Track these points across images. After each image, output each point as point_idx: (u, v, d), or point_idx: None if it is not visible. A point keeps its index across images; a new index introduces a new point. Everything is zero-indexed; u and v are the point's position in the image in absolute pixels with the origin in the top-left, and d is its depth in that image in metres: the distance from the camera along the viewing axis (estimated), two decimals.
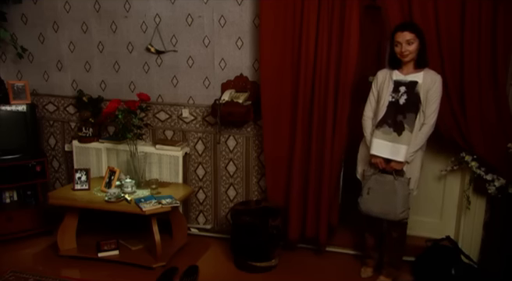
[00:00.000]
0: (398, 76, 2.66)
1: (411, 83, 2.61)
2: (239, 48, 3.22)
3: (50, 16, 3.56)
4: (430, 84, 2.59)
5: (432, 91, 2.58)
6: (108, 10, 3.41)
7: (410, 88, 2.61)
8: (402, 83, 2.64)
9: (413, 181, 2.70)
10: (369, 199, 2.72)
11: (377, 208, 2.70)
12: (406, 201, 2.66)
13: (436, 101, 2.60)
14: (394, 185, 2.65)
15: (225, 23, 3.20)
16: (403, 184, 2.65)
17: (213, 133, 3.44)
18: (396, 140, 2.62)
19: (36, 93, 3.70)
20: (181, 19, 3.28)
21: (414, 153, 2.63)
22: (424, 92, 2.59)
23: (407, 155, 2.61)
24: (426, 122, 2.61)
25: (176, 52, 3.36)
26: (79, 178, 3.26)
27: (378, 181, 2.69)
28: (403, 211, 2.65)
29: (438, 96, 2.60)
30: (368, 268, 3.02)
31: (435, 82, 2.59)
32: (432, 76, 2.60)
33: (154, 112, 3.51)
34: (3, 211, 3.42)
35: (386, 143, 2.65)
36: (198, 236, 3.59)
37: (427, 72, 2.61)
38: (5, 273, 2.91)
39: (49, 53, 3.64)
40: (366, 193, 2.73)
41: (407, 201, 2.66)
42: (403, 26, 2.59)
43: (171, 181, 3.42)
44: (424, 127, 2.61)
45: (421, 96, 2.59)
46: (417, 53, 2.59)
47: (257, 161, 3.40)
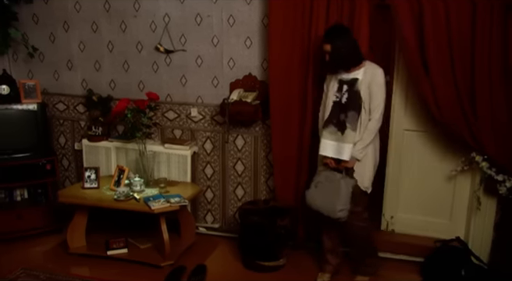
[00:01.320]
0: (342, 75, 2.68)
1: (352, 80, 2.63)
2: (247, 47, 3.22)
3: (60, 15, 3.59)
4: (370, 79, 2.59)
5: (373, 85, 2.58)
6: (118, 10, 3.43)
7: (351, 86, 2.63)
8: (344, 81, 2.66)
9: (366, 179, 2.70)
10: (315, 192, 2.75)
11: (319, 202, 2.72)
12: (346, 201, 2.63)
13: (379, 94, 2.59)
14: (339, 183, 2.64)
15: (234, 22, 3.21)
16: (348, 184, 2.64)
17: (221, 133, 3.44)
18: (340, 140, 2.66)
19: (46, 92, 3.73)
20: (190, 19, 3.29)
21: (364, 149, 2.63)
22: (365, 88, 2.59)
23: (356, 152, 2.62)
24: (372, 117, 2.60)
25: (184, 52, 3.37)
26: (88, 176, 3.29)
27: (328, 177, 2.72)
28: (341, 210, 2.62)
29: (380, 89, 2.59)
30: (325, 274, 2.93)
31: (375, 75, 2.59)
32: (372, 69, 2.61)
33: (163, 111, 3.52)
34: (14, 209, 3.46)
35: (332, 142, 2.71)
36: (206, 235, 3.60)
37: (368, 67, 2.62)
38: (16, 270, 2.95)
39: (60, 52, 3.67)
40: (314, 186, 2.76)
41: (347, 201, 2.63)
42: (324, 37, 2.63)
43: (179, 180, 3.43)
44: (370, 122, 2.60)
45: (362, 92, 2.59)
46: (346, 55, 2.59)
47: (266, 161, 3.40)
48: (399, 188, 3.25)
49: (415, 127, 3.13)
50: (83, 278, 2.90)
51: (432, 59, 2.69)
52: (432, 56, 2.69)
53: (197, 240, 3.42)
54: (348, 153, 2.63)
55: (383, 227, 3.33)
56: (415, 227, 3.22)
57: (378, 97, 2.59)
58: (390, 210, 3.30)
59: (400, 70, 3.09)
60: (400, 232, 3.28)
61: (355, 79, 2.62)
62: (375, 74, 2.59)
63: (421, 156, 3.14)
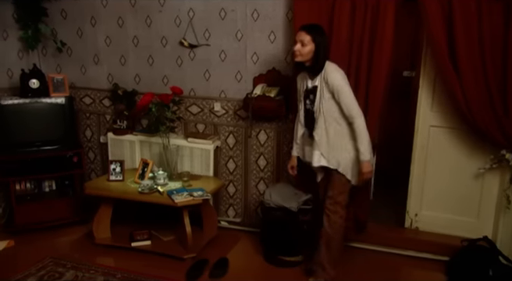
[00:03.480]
0: (308, 82, 2.67)
1: (314, 88, 2.63)
2: (271, 41, 3.21)
3: (88, 11, 3.65)
4: (325, 84, 2.54)
5: (334, 87, 2.52)
6: (144, 5, 3.46)
7: (314, 94, 2.62)
8: (309, 89, 2.66)
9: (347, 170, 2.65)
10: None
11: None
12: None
13: (343, 92, 2.51)
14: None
15: (258, 16, 3.20)
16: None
17: (244, 127, 3.45)
18: (312, 146, 2.70)
19: (74, 86, 3.81)
20: (214, 13, 3.30)
21: (368, 149, 2.55)
22: (326, 92, 2.55)
23: (363, 156, 2.55)
24: (351, 116, 2.54)
25: (208, 46, 3.38)
26: (113, 169, 3.35)
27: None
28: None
29: (341, 87, 2.51)
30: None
31: (332, 78, 2.52)
32: (325, 72, 2.55)
33: (187, 105, 3.55)
34: (43, 200, 3.57)
35: (308, 148, 2.78)
36: (228, 228, 3.62)
37: (323, 71, 2.57)
38: (45, 259, 3.03)
39: (87, 47, 3.74)
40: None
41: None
42: (303, 27, 2.56)
43: (202, 174, 3.46)
44: (353, 123, 2.54)
45: (324, 99, 2.56)
46: (311, 57, 2.54)
47: (289, 156, 3.38)
48: (424, 185, 3.19)
49: (442, 123, 3.06)
50: (109, 268, 2.96)
51: (462, 57, 2.62)
52: (463, 54, 2.62)
53: (219, 233, 3.44)
54: (317, 160, 2.66)
55: (407, 224, 3.29)
56: (440, 225, 3.16)
57: (345, 97, 2.52)
58: (414, 207, 3.24)
59: (426, 65, 3.02)
60: (425, 231, 3.22)
61: (315, 86, 2.61)
62: (332, 77, 2.52)
63: (447, 153, 3.07)
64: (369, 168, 2.59)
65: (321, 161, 2.67)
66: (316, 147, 2.66)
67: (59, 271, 2.90)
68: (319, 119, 2.61)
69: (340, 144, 2.62)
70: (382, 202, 3.74)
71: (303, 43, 2.52)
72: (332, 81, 2.51)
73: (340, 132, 2.61)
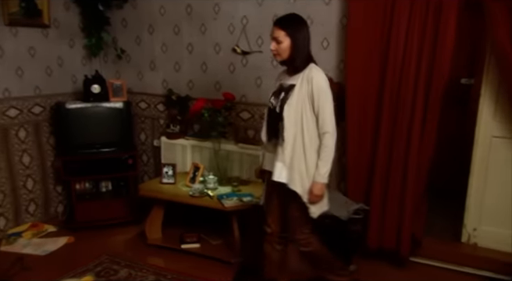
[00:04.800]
0: (284, 79, 2.32)
1: (290, 87, 2.23)
2: (324, 48, 3.19)
3: (146, 19, 3.81)
4: (310, 85, 2.16)
5: (315, 93, 2.16)
6: (199, 12, 3.57)
7: (287, 93, 2.23)
8: (283, 87, 2.29)
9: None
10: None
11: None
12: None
13: (327, 104, 2.17)
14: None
15: (312, 23, 3.18)
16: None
17: None
18: (274, 155, 2.31)
19: (131, 91, 3.98)
20: (267, 20, 3.31)
21: (328, 171, 2.22)
22: (302, 96, 2.18)
23: (319, 176, 2.21)
24: (324, 131, 2.20)
25: (261, 53, 3.42)
26: (166, 172, 3.44)
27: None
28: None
29: (325, 97, 2.17)
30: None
31: (317, 82, 2.16)
32: (313, 74, 2.17)
33: (238, 111, 3.59)
34: (100, 200, 3.74)
35: (270, 155, 2.40)
36: None
37: (308, 72, 2.20)
38: (101, 256, 3.18)
39: (144, 54, 3.90)
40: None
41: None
42: (277, 22, 2.22)
43: (251, 179, 3.48)
44: (325, 137, 2.20)
45: (297, 102, 2.18)
46: (290, 54, 2.20)
47: (339, 164, 3.32)
48: (484, 199, 3.02)
49: (506, 134, 2.89)
50: (159, 268, 3.04)
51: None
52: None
53: None
54: (278, 173, 2.26)
55: (464, 239, 3.13)
56: (502, 242, 2.97)
57: (325, 107, 2.17)
58: (473, 222, 3.08)
59: (489, 73, 2.87)
60: (484, 247, 3.05)
61: (292, 85, 2.23)
62: (317, 80, 2.16)
63: (510, 165, 2.89)
64: (322, 191, 2.25)
65: (281, 177, 2.28)
66: (280, 157, 2.27)
67: (114, 268, 3.02)
68: (287, 125, 2.20)
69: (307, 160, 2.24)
70: (437, 214, 3.59)
71: (277, 40, 2.19)
72: (318, 84, 2.16)
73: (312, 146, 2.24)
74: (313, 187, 2.23)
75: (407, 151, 2.89)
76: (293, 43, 2.18)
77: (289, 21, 2.22)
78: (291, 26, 2.20)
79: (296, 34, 2.18)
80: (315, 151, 2.23)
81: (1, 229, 3.38)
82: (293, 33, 2.18)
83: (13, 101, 3.38)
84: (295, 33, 2.18)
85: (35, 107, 3.56)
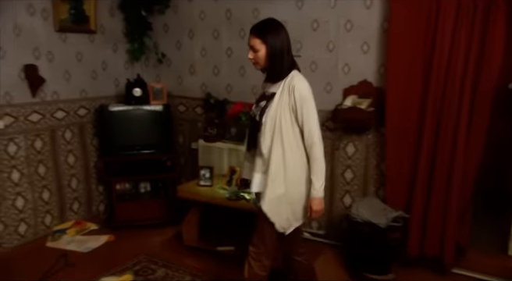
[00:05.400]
0: (267, 86, 2.22)
1: (271, 95, 2.13)
2: (364, 52, 3.14)
3: (187, 24, 3.90)
4: (288, 94, 2.06)
5: (299, 99, 2.04)
6: (238, 17, 3.60)
7: (268, 102, 2.13)
8: (265, 95, 2.19)
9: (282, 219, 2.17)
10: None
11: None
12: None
13: (309, 109, 2.05)
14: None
15: (352, 27, 3.15)
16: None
17: (331, 139, 3.40)
18: (252, 164, 2.24)
19: (170, 94, 4.06)
20: (306, 25, 3.32)
21: (323, 184, 2.11)
22: (282, 105, 2.07)
23: (315, 192, 2.10)
24: (310, 142, 2.09)
25: (299, 57, 3.39)
26: (203, 175, 3.49)
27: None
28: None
29: (308, 102, 2.05)
30: None
31: (299, 90, 2.04)
32: (294, 82, 2.06)
33: None
34: (139, 200, 3.84)
35: (249, 165, 2.34)
36: (311, 240, 3.58)
37: (290, 79, 2.09)
38: (140, 255, 3.26)
39: (184, 58, 3.98)
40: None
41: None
42: (252, 29, 2.13)
43: None
44: (312, 150, 2.09)
45: (275, 111, 2.08)
46: (267, 61, 2.09)
47: (377, 170, 3.27)
48: None
49: None
50: (196, 269, 3.08)
51: None
52: None
53: None
54: (257, 185, 2.20)
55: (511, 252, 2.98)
56: None
57: (310, 117, 2.07)
58: None
59: None
60: None
61: (273, 93, 2.13)
62: (299, 89, 2.04)
63: None
64: (321, 205, 2.14)
65: (259, 189, 2.22)
66: (257, 168, 2.20)
67: (152, 267, 3.09)
68: (266, 135, 2.11)
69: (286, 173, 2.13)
70: (483, 226, 3.44)
71: (254, 48, 2.11)
72: (300, 93, 2.04)
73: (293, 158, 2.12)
74: (311, 203, 2.13)
75: (452, 157, 2.80)
76: (269, 50, 2.08)
77: (265, 28, 2.12)
78: (266, 33, 2.09)
79: (272, 41, 2.07)
80: (297, 163, 2.13)
81: (48, 226, 3.54)
82: (268, 41, 2.07)
83: (61, 104, 3.54)
84: (271, 40, 2.07)
85: (80, 109, 3.71)
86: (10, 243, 3.27)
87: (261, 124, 2.13)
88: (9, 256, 3.21)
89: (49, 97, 3.44)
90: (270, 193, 2.13)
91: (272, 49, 2.07)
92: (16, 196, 3.28)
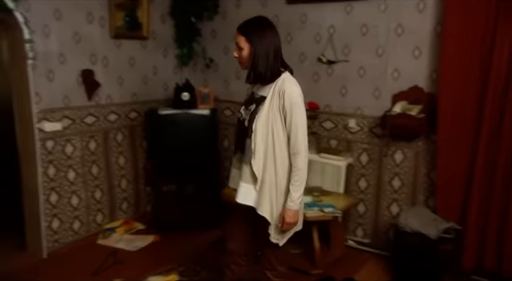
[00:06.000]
0: (257, 88, 2.09)
1: (261, 98, 2.02)
2: (415, 57, 3.06)
3: (234, 30, 3.92)
4: (279, 99, 1.94)
5: (289, 104, 1.93)
6: (285, 22, 3.61)
7: (258, 106, 2.01)
8: (254, 98, 2.07)
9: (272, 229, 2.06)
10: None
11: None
12: None
13: (298, 114, 1.93)
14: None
15: (403, 31, 3.08)
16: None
17: (379, 146, 3.33)
18: (240, 172, 2.09)
19: (217, 99, 4.13)
20: (355, 29, 3.28)
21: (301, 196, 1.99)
22: (273, 110, 1.95)
23: (292, 203, 1.98)
24: (295, 151, 1.96)
25: (347, 62, 3.37)
26: None
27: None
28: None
29: (298, 107, 1.94)
30: None
31: (289, 94, 1.93)
32: (285, 86, 1.95)
33: (321, 120, 3.57)
34: (185, 202, 3.88)
35: (235, 171, 2.18)
36: (355, 248, 3.51)
37: (281, 83, 1.98)
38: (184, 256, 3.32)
39: (230, 63, 4.04)
40: None
41: None
42: (238, 28, 2.02)
43: (332, 190, 3.42)
44: (295, 158, 1.97)
45: (267, 116, 1.96)
46: (252, 62, 1.98)
47: (427, 179, 3.16)
48: None
49: None
50: None
51: None
52: None
53: (346, 252, 3.36)
54: (242, 195, 2.05)
55: None
56: None
57: (298, 124, 1.95)
58: None
59: None
60: None
61: (263, 97, 2.01)
62: (290, 93, 1.94)
63: None
64: (295, 218, 2.02)
65: (247, 200, 2.06)
66: (244, 177, 2.05)
67: (196, 269, 3.14)
68: (256, 141, 1.98)
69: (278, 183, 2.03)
70: None
71: (238, 46, 2.01)
72: (290, 97, 1.94)
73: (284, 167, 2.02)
74: (285, 214, 2.01)
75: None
76: (253, 50, 1.97)
77: (251, 26, 2.02)
78: (252, 31, 1.99)
79: (257, 40, 1.96)
80: (287, 172, 2.02)
81: (99, 224, 3.69)
82: (253, 40, 1.97)
83: (114, 107, 3.70)
84: (256, 39, 1.97)
85: (131, 112, 3.86)
86: (65, 239, 3.44)
87: (250, 130, 2.02)
88: (64, 251, 3.38)
89: (103, 101, 3.60)
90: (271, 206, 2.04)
91: (255, 49, 1.97)
92: (72, 194, 3.45)
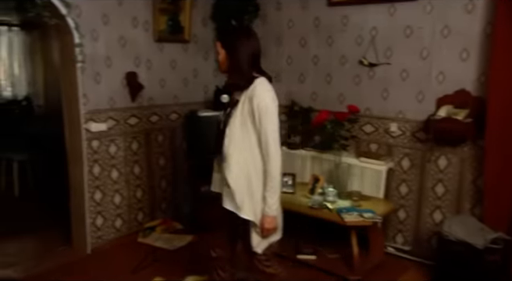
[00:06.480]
0: (236, 93, 2.13)
1: (236, 102, 2.08)
2: (463, 59, 2.95)
3: (274, 33, 3.96)
4: (249, 103, 1.99)
5: (257, 108, 1.96)
6: (327, 25, 3.59)
7: (231, 109, 2.09)
8: (233, 101, 2.12)
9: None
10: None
11: None
12: None
13: (267, 118, 1.96)
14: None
15: (449, 33, 2.98)
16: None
17: (422, 150, 3.23)
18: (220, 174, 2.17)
19: None
20: (398, 31, 3.21)
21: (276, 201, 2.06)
22: (245, 115, 2.01)
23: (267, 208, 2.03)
24: (267, 154, 2.00)
25: (389, 65, 3.30)
26: (286, 181, 3.50)
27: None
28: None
29: (267, 111, 1.96)
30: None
31: (256, 93, 1.98)
32: (253, 91, 1.99)
33: (361, 124, 3.51)
34: None
35: (216, 175, 2.27)
36: (395, 255, 3.43)
37: (252, 88, 2.01)
38: None
39: (269, 66, 3.94)
40: None
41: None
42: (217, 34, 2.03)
43: (371, 195, 3.36)
44: (267, 163, 2.00)
45: (240, 120, 2.02)
46: (226, 67, 2.05)
47: (472, 186, 3.04)
48: None
49: None
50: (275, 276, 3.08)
51: None
52: None
53: (385, 259, 3.28)
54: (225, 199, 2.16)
55: None
56: None
57: (267, 129, 1.97)
58: None
59: None
60: None
61: (238, 101, 2.08)
62: (258, 97, 1.97)
63: None
64: (273, 224, 2.09)
65: (227, 204, 2.18)
66: (224, 181, 2.14)
67: (232, 270, 3.15)
68: (231, 145, 2.07)
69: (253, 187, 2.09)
70: None
71: (218, 51, 2.11)
72: (258, 102, 1.98)
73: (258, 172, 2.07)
74: (263, 221, 2.08)
75: None
76: (227, 56, 2.06)
77: (228, 32, 2.16)
78: (227, 37, 2.09)
79: (230, 47, 2.04)
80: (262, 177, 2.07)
81: (140, 222, 3.79)
82: (227, 46, 2.06)
83: (155, 109, 3.79)
84: (229, 45, 2.05)
85: (172, 114, 3.94)
86: (108, 236, 3.56)
87: (224, 133, 2.10)
88: (106, 248, 3.49)
89: (146, 103, 3.70)
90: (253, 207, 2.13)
91: (230, 55, 2.05)
92: (115, 193, 3.56)
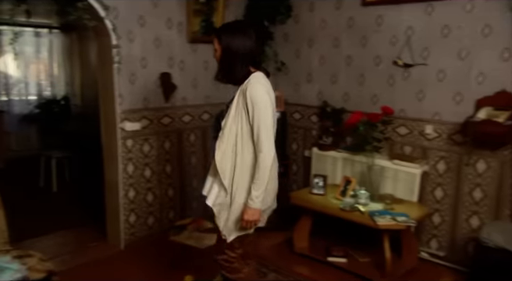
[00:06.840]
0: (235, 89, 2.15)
1: (232, 99, 2.14)
2: (505, 60, 2.84)
3: (307, 33, 3.94)
4: (243, 98, 2.03)
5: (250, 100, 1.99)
6: (360, 25, 3.54)
7: (228, 106, 2.17)
8: (231, 101, 2.16)
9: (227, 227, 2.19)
10: None
11: None
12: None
13: (259, 109, 1.99)
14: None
15: (490, 32, 2.88)
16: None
17: (459, 154, 3.13)
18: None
19: (287, 102, 4.13)
20: (436, 31, 3.12)
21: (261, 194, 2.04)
22: (239, 110, 2.05)
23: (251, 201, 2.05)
24: (258, 147, 2.02)
25: (425, 66, 3.22)
26: (316, 183, 3.48)
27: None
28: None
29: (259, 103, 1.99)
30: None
31: (249, 85, 2.01)
32: (247, 86, 2.02)
33: (395, 126, 3.44)
34: None
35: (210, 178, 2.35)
36: (428, 261, 3.34)
37: (246, 83, 2.04)
38: None
39: (302, 67, 4.04)
40: None
41: None
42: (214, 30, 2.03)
43: (405, 198, 3.28)
44: (258, 156, 2.01)
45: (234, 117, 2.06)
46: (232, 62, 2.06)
47: None
48: None
49: None
50: (305, 277, 3.08)
51: None
52: None
53: (419, 264, 3.21)
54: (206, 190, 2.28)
55: None
56: None
57: (260, 123, 2.00)
58: None
59: None
60: None
61: (233, 98, 2.13)
62: (250, 92, 1.99)
63: None
64: (255, 216, 2.10)
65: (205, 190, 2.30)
66: (211, 171, 2.23)
67: (263, 271, 3.16)
68: (223, 140, 2.11)
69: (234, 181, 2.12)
70: None
71: (215, 48, 2.12)
72: (251, 93, 2.00)
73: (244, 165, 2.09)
74: (244, 211, 2.10)
75: None
76: (222, 52, 2.08)
77: (224, 28, 2.15)
78: (223, 34, 2.09)
79: (225, 43, 2.06)
80: (248, 171, 2.09)
81: (171, 220, 3.86)
82: (223, 41, 2.07)
83: (188, 109, 3.84)
84: (225, 42, 2.06)
85: (204, 114, 3.98)
86: (140, 233, 3.64)
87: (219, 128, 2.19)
88: (139, 244, 3.57)
89: (179, 103, 3.76)
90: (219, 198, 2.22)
91: (224, 50, 2.07)
92: (147, 191, 3.64)
